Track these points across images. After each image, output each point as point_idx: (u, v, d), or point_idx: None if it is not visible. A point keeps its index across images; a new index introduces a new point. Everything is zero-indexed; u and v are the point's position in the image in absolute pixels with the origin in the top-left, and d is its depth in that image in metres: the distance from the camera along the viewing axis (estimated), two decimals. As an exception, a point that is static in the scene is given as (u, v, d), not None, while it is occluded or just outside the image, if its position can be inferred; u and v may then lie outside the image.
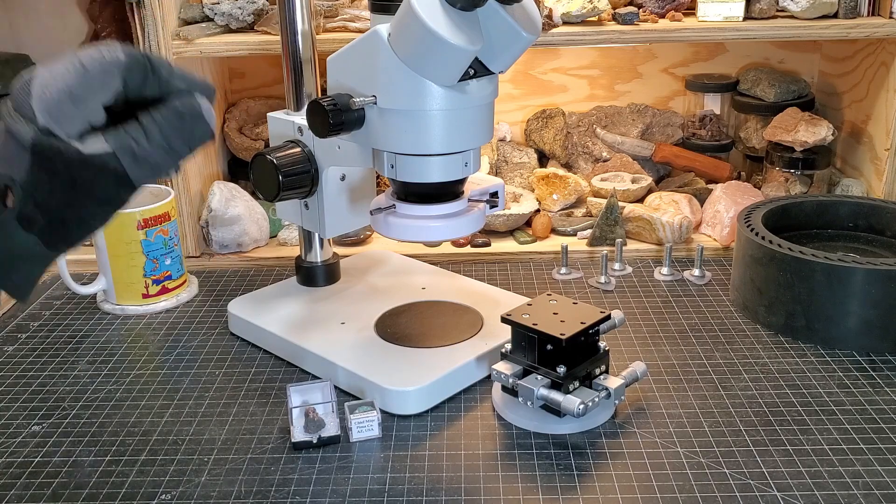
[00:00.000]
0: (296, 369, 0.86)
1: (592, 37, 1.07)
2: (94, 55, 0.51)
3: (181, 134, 0.52)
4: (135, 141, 0.51)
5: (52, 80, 0.50)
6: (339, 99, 0.71)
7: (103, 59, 0.51)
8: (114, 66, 0.51)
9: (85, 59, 0.50)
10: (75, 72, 0.50)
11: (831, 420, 0.75)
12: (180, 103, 0.52)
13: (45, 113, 0.49)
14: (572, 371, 0.73)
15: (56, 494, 0.68)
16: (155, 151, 0.52)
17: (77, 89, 0.50)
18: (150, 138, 0.51)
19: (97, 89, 0.51)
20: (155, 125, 0.52)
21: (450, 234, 0.77)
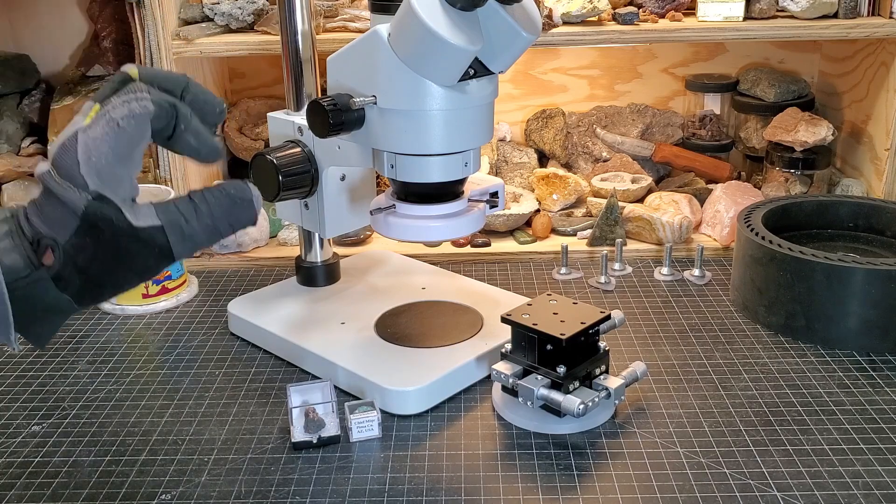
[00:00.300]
0: (296, 369, 0.86)
1: (592, 37, 1.07)
2: (125, 112, 0.51)
3: (229, 217, 0.54)
4: (184, 218, 0.52)
5: (94, 145, 0.50)
6: (339, 99, 0.71)
7: (136, 114, 0.51)
8: (146, 118, 0.52)
9: (119, 118, 0.51)
10: (114, 133, 0.51)
11: (831, 420, 0.75)
12: (234, 188, 0.54)
13: (97, 179, 0.50)
14: (572, 371, 0.73)
15: (56, 494, 0.68)
16: (201, 230, 0.53)
17: (120, 149, 0.51)
18: (200, 217, 0.53)
19: (136, 143, 0.52)
20: (206, 205, 0.53)
21: (450, 234, 0.77)
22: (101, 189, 0.50)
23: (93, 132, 0.51)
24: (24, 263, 0.50)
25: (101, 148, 0.50)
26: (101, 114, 0.51)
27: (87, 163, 0.50)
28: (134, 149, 0.52)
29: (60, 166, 0.51)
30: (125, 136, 0.51)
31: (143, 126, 0.51)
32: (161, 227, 0.52)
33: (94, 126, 0.51)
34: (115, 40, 1.22)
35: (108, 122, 0.51)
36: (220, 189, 0.54)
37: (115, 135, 0.51)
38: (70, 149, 0.51)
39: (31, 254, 0.51)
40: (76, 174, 0.50)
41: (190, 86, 0.55)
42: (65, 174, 0.50)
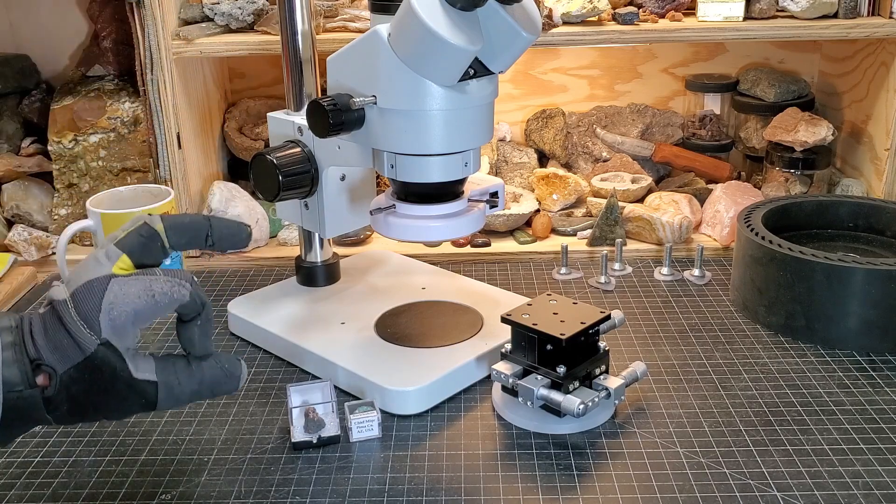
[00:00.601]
0: (296, 369, 0.86)
1: (592, 37, 1.07)
2: (165, 289, 0.55)
3: (214, 387, 0.58)
4: (178, 380, 0.57)
5: (122, 301, 0.54)
6: (339, 99, 0.71)
7: (172, 297, 0.55)
8: (177, 303, 0.56)
9: (157, 292, 0.55)
10: (146, 300, 0.54)
11: (831, 420, 0.75)
12: (228, 363, 0.59)
13: (110, 330, 0.53)
14: (572, 371, 0.73)
15: (56, 494, 0.68)
16: (188, 393, 0.57)
17: (142, 314, 0.55)
18: (190, 382, 0.57)
19: (156, 316, 0.56)
20: (200, 373, 0.58)
21: (450, 234, 0.77)
22: (111, 338, 0.53)
23: (126, 289, 0.54)
24: (21, 379, 0.52)
25: (126, 307, 0.54)
26: (143, 279, 0.55)
27: (109, 313, 0.53)
28: (152, 319, 0.56)
29: (80, 304, 0.53)
30: (154, 308, 0.55)
31: (170, 308, 0.55)
32: (156, 383, 0.56)
33: (130, 285, 0.54)
34: (115, 40, 1.22)
35: (147, 290, 0.54)
36: (216, 360, 0.58)
37: (147, 303, 0.54)
38: (96, 292, 0.53)
39: (30, 372, 0.53)
40: (94, 319, 0.53)
41: (213, 227, 0.59)
42: (82, 314, 0.53)
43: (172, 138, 1.10)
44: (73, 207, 1.19)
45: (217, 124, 1.26)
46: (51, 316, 0.54)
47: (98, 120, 1.17)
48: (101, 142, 1.17)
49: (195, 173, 1.15)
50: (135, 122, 1.17)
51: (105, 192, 1.01)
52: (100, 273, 0.54)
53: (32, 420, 0.54)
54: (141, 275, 0.55)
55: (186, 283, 0.56)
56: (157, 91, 1.08)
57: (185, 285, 0.56)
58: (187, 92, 1.13)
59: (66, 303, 0.54)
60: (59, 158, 1.18)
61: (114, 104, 1.17)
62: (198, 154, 1.17)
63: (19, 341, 0.53)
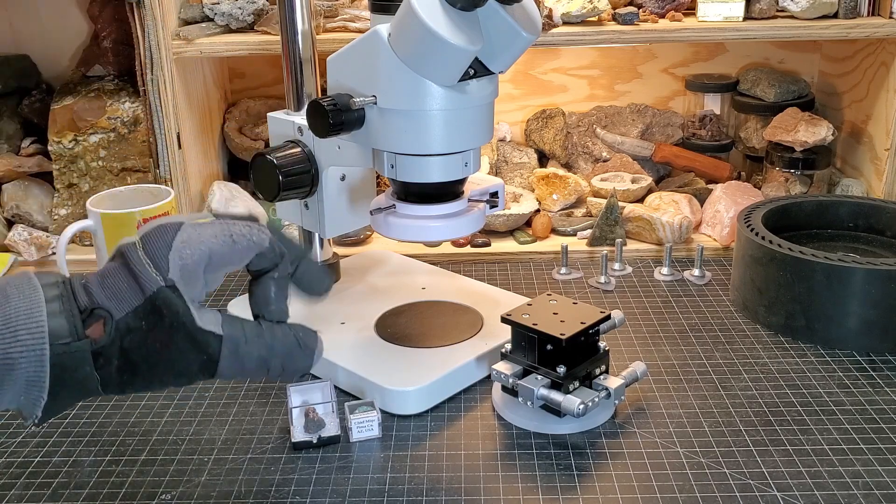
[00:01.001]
0: (296, 369, 0.86)
1: (592, 37, 1.07)
2: (244, 231, 0.52)
3: (286, 357, 0.54)
4: (245, 339, 0.52)
5: (196, 240, 0.50)
6: (339, 99, 0.71)
7: (251, 239, 0.52)
8: (256, 248, 0.52)
9: (236, 233, 0.51)
10: (223, 241, 0.51)
11: (831, 420, 0.75)
12: (303, 332, 0.55)
13: (178, 271, 0.49)
14: (572, 371, 0.73)
15: (56, 494, 0.68)
16: (255, 359, 0.52)
17: (217, 258, 0.51)
18: (259, 344, 0.53)
19: (231, 263, 0.52)
20: (270, 336, 0.53)
21: (450, 234, 0.77)
22: (178, 282, 0.49)
23: (202, 231, 0.51)
24: (69, 331, 0.48)
25: (200, 247, 0.50)
26: (219, 223, 0.52)
27: (180, 252, 0.50)
28: (227, 266, 0.52)
29: (149, 243, 0.50)
30: (229, 251, 0.51)
31: (248, 253, 0.52)
32: (220, 336, 0.51)
33: (206, 227, 0.51)
34: (115, 40, 1.22)
35: (224, 231, 0.51)
36: (290, 327, 0.54)
37: (222, 245, 0.51)
38: (167, 232, 0.50)
39: (79, 323, 0.48)
40: (161, 257, 0.49)
41: (303, 261, 0.57)
42: (150, 252, 0.49)
43: (172, 138, 1.10)
44: (73, 207, 1.19)
45: (217, 124, 1.26)
46: (114, 265, 0.50)
47: (98, 120, 1.17)
48: (101, 142, 1.17)
49: (195, 173, 1.15)
50: (135, 122, 1.17)
51: (105, 192, 1.01)
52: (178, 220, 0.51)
53: (75, 385, 0.49)
54: (217, 220, 0.52)
55: (266, 231, 0.53)
56: (157, 91, 1.08)
57: (265, 230, 0.53)
58: (187, 92, 1.13)
59: (134, 245, 0.50)
60: (59, 158, 1.18)
61: (114, 104, 1.17)
62: (198, 154, 1.17)
63: (67, 293, 0.49)
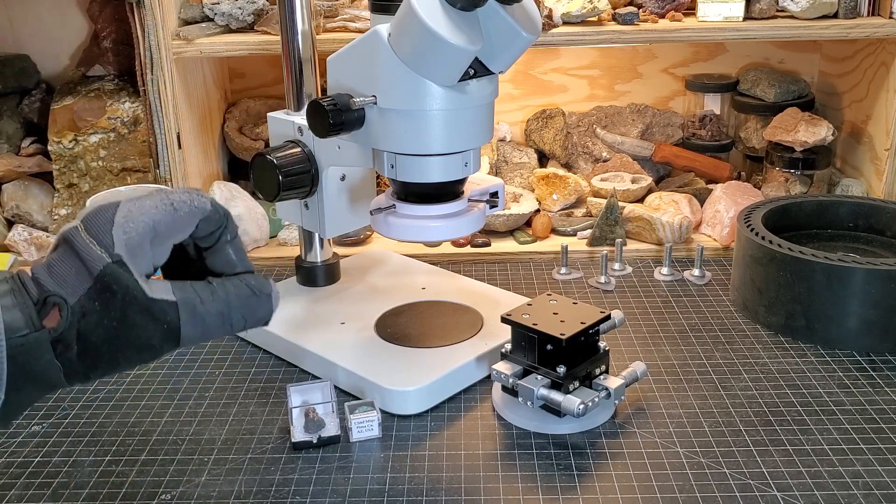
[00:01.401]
0: (296, 369, 0.86)
1: (592, 37, 1.07)
2: (184, 198, 0.51)
3: (244, 307, 0.53)
4: (200, 299, 0.51)
5: (138, 213, 0.49)
6: (339, 99, 0.71)
7: (192, 204, 0.51)
8: (199, 213, 0.52)
9: (176, 200, 0.51)
10: (165, 211, 0.50)
11: (831, 420, 0.75)
12: (254, 280, 0.53)
13: (124, 245, 0.49)
14: (572, 371, 0.73)
15: (56, 494, 0.68)
16: (214, 314, 0.51)
17: (161, 228, 0.50)
18: (215, 301, 0.51)
19: (178, 232, 0.51)
20: (224, 291, 0.52)
21: (450, 234, 0.77)
22: (123, 256, 0.49)
23: (142, 203, 0.50)
24: (25, 322, 0.47)
25: (142, 218, 0.49)
26: (158, 194, 0.51)
27: (123, 226, 0.49)
28: (173, 236, 0.51)
29: (90, 223, 0.49)
30: (172, 219, 0.50)
31: (192, 218, 0.51)
32: (175, 302, 0.50)
33: (145, 199, 0.50)
34: (115, 40, 1.22)
35: (163, 200, 0.51)
36: (241, 279, 0.53)
37: (164, 214, 0.50)
38: (108, 210, 0.49)
39: (34, 313, 0.48)
40: (105, 233, 0.49)
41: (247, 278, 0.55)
42: (93, 232, 0.49)
43: (172, 138, 1.10)
44: (73, 207, 1.19)
45: (217, 124, 1.26)
46: (58, 252, 0.49)
47: (98, 120, 1.17)
48: (101, 142, 1.17)
49: (195, 173, 1.15)
50: (135, 122, 1.17)
51: (105, 193, 1.01)
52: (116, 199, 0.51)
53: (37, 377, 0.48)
54: (155, 191, 0.52)
55: (205, 195, 0.53)
56: (157, 91, 1.08)
57: (205, 195, 0.53)
58: (187, 92, 1.13)
59: (75, 228, 0.49)
60: (59, 158, 1.18)
61: (114, 104, 1.17)
62: (198, 154, 1.17)
63: (18, 286, 0.48)
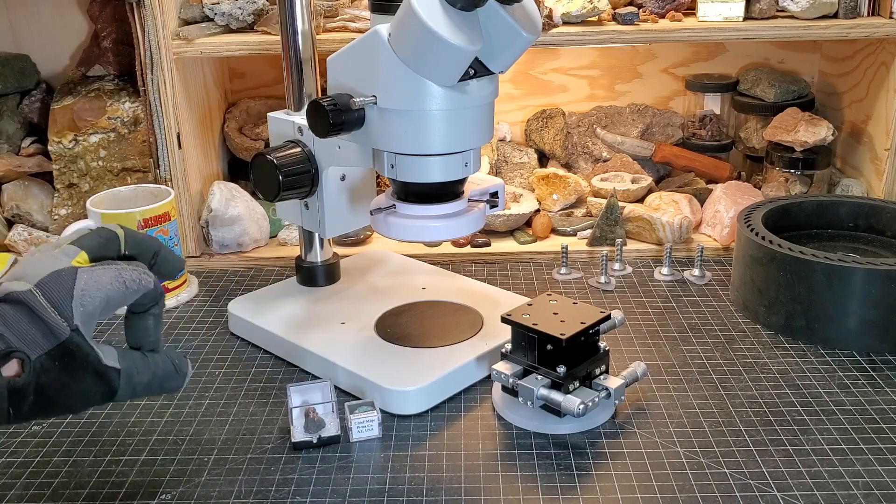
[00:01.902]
0: (296, 369, 0.86)
1: (592, 37, 1.07)
2: (134, 277, 0.57)
3: (163, 382, 0.59)
4: (137, 369, 0.57)
5: (94, 288, 0.54)
6: (339, 99, 0.71)
7: (140, 283, 0.57)
8: (144, 290, 0.58)
9: (127, 279, 0.57)
10: (118, 287, 0.56)
11: (831, 420, 0.75)
12: (178, 360, 0.61)
13: (81, 316, 0.54)
14: (572, 371, 0.73)
15: (56, 494, 0.68)
16: (143, 384, 0.58)
17: (113, 302, 0.56)
18: (146, 373, 0.58)
19: (121, 304, 0.58)
20: (154, 365, 0.59)
21: (450, 234, 0.77)
22: (80, 326, 0.54)
23: (97, 277, 0.55)
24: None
25: (98, 293, 0.54)
26: (110, 268, 0.56)
27: (81, 299, 0.54)
28: (117, 307, 0.57)
29: (50, 292, 0.53)
30: (122, 296, 0.56)
31: (137, 295, 0.58)
32: (119, 370, 0.56)
33: (99, 273, 0.55)
34: (115, 40, 1.22)
35: (117, 277, 0.56)
36: (167, 356, 0.60)
37: (116, 290, 0.56)
38: (66, 280, 0.54)
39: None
40: (65, 305, 0.53)
41: (161, 251, 0.61)
42: (54, 302, 0.53)
43: (172, 138, 1.09)
44: (73, 207, 1.19)
45: (217, 124, 1.26)
46: (13, 308, 0.52)
47: (98, 120, 1.17)
48: (101, 142, 1.17)
49: (195, 173, 1.15)
50: (135, 122, 1.16)
51: (105, 192, 1.01)
52: (61, 266, 0.55)
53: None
54: (105, 264, 0.57)
55: (149, 274, 0.58)
56: (157, 91, 1.08)
57: (149, 273, 0.58)
58: (187, 92, 1.12)
59: (31, 292, 0.52)
60: (59, 158, 1.17)
61: (114, 104, 1.17)
62: (198, 154, 1.17)
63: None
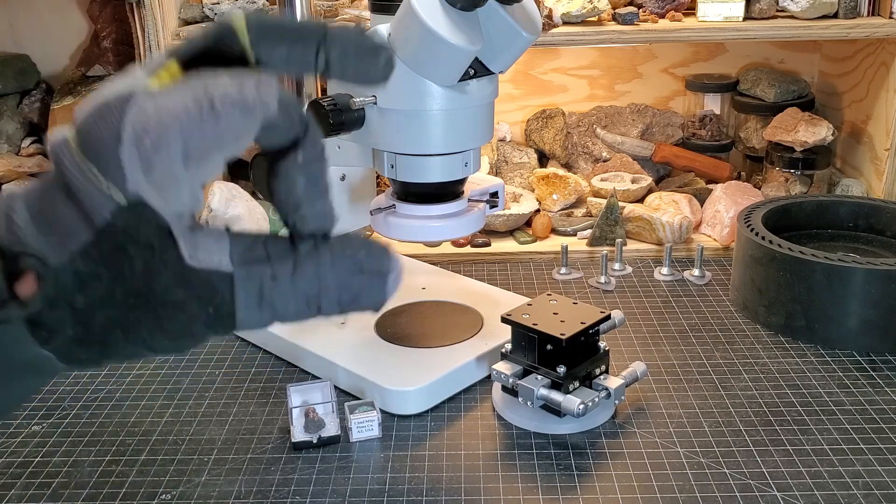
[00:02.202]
0: (296, 369, 0.86)
1: (592, 37, 1.07)
2: (231, 93, 0.32)
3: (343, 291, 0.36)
4: (273, 276, 0.34)
5: (160, 118, 0.31)
6: (339, 99, 0.71)
7: (245, 101, 0.32)
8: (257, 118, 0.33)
9: (217, 98, 0.32)
10: (200, 116, 0.32)
11: (831, 420, 0.75)
12: (367, 256, 0.37)
13: (142, 174, 0.31)
14: (572, 371, 0.73)
15: (56, 494, 0.68)
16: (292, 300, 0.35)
17: (196, 144, 0.32)
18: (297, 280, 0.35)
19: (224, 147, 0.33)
20: (315, 266, 0.36)
21: (450, 234, 0.77)
22: (145, 192, 0.32)
23: (165, 101, 0.32)
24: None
25: (167, 131, 0.31)
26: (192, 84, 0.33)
27: (137, 144, 0.31)
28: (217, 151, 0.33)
29: (89, 138, 0.31)
30: (214, 127, 0.32)
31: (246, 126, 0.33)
32: (230, 275, 0.33)
33: (171, 94, 0.32)
34: (115, 40, 1.22)
35: (198, 97, 0.32)
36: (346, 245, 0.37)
37: (201, 120, 0.32)
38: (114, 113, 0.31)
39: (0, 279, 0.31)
40: (111, 157, 0.31)
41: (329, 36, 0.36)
42: (92, 153, 0.31)
43: (172, 138, 1.09)
44: (73, 207, 1.19)
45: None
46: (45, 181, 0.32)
47: (98, 120, 1.17)
48: (101, 142, 1.17)
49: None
50: (135, 122, 1.17)
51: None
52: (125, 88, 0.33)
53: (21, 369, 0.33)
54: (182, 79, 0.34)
55: (270, 81, 0.33)
56: (157, 91, 1.08)
57: (269, 82, 0.33)
58: (187, 92, 1.12)
59: (65, 142, 0.32)
60: (59, 158, 1.17)
61: (114, 104, 1.17)
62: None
63: None
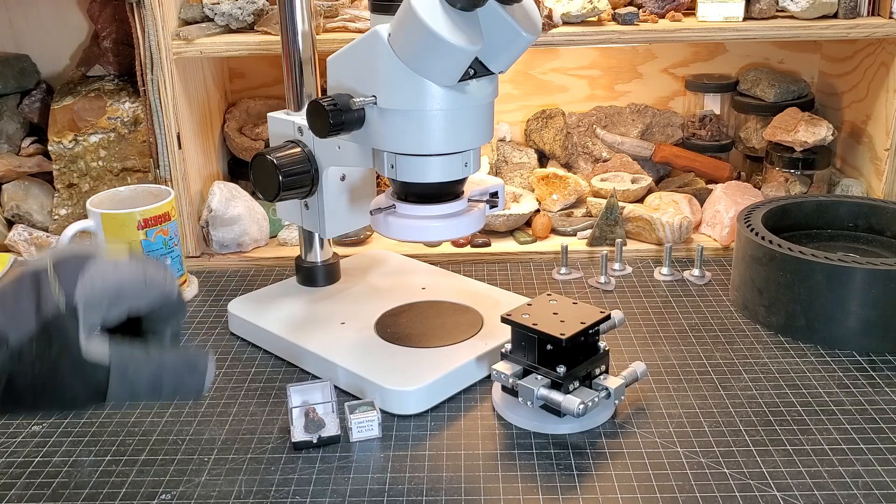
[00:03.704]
0: (296, 369, 0.86)
1: (592, 37, 1.07)
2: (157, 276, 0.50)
3: (175, 379, 0.51)
4: (134, 363, 0.49)
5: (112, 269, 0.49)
6: (339, 99, 0.71)
7: (163, 287, 0.50)
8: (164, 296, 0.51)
9: (150, 275, 0.50)
10: (136, 281, 0.50)
11: (831, 420, 0.75)
12: (194, 355, 0.52)
13: (84, 297, 0.48)
14: (572, 371, 0.73)
15: (56, 494, 0.68)
16: (144, 383, 0.50)
17: (124, 294, 0.49)
18: (148, 367, 0.50)
19: (136, 301, 0.50)
20: (159, 359, 0.50)
21: (450, 234, 0.77)
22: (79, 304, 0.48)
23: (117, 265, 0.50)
24: None
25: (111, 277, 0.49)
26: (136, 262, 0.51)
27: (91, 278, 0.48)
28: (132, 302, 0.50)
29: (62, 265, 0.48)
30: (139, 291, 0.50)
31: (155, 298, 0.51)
32: (107, 366, 0.48)
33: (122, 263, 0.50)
34: (115, 40, 1.22)
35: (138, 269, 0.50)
36: (182, 350, 0.52)
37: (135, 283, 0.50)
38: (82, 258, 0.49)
39: None
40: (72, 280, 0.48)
41: None
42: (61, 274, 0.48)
43: (172, 138, 1.09)
44: (74, 207, 1.19)
45: (217, 124, 1.26)
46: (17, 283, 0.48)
47: (98, 120, 1.17)
48: (101, 142, 1.17)
49: (195, 173, 1.15)
50: (135, 122, 1.16)
51: (105, 192, 1.01)
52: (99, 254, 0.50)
53: None
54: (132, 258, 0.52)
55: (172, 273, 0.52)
56: (157, 91, 1.08)
57: (175, 280, 0.52)
58: (187, 92, 1.12)
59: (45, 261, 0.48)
60: (59, 158, 1.17)
61: (114, 104, 1.17)
62: (198, 154, 1.17)
63: None
